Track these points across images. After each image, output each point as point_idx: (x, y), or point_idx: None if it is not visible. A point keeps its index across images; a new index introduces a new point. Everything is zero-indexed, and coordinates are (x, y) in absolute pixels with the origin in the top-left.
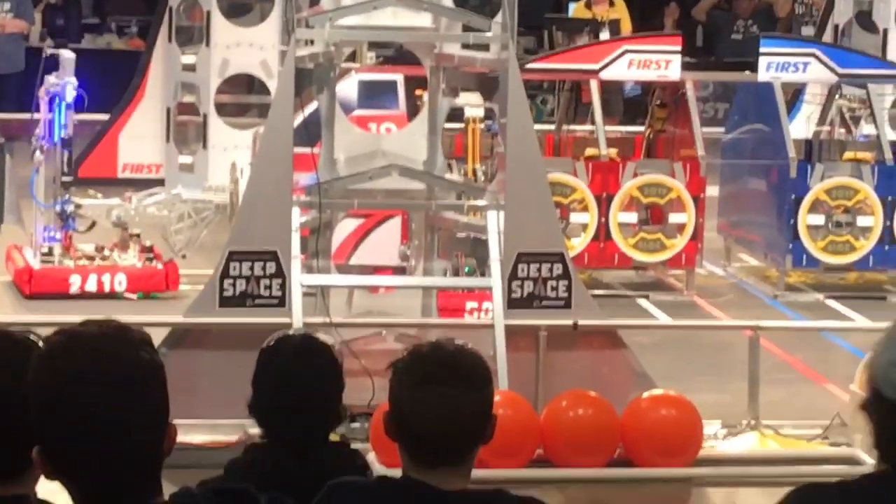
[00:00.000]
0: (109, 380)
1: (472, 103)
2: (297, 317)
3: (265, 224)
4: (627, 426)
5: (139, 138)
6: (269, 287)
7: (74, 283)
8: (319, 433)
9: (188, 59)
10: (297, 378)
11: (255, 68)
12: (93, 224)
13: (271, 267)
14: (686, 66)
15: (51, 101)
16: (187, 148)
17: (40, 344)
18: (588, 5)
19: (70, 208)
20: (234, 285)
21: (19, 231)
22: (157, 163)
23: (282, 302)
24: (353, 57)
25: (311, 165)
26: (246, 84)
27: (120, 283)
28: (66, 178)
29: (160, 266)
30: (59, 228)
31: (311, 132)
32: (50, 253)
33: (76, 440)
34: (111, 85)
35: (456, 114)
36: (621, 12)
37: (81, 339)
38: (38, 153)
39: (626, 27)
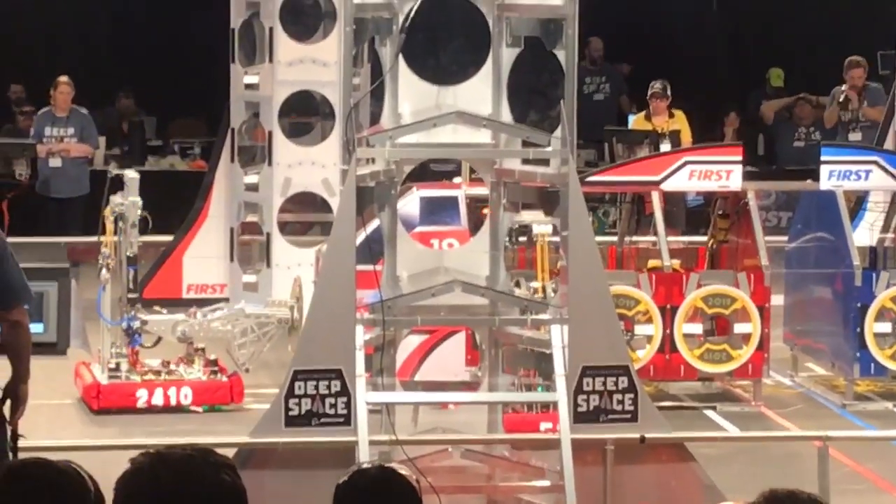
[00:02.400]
0: (192, 502)
1: (540, 220)
2: (363, 435)
3: (329, 342)
4: None
5: (203, 258)
6: (335, 405)
7: (141, 397)
8: None
9: (251, 178)
10: None
11: (317, 186)
12: (158, 340)
13: (336, 385)
14: (747, 176)
15: (116, 222)
16: (251, 267)
17: (81, 473)
18: (648, 117)
19: (136, 324)
20: (299, 404)
21: (87, 353)
22: (221, 283)
23: (347, 420)
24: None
25: (374, 283)
26: (308, 202)
27: (186, 396)
28: (131, 296)
29: (225, 379)
30: (125, 344)
31: (373, 249)
32: (117, 368)
33: None
34: (175, 206)
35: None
36: (681, 123)
37: (167, 461)
38: (104, 272)
39: (687, 138)
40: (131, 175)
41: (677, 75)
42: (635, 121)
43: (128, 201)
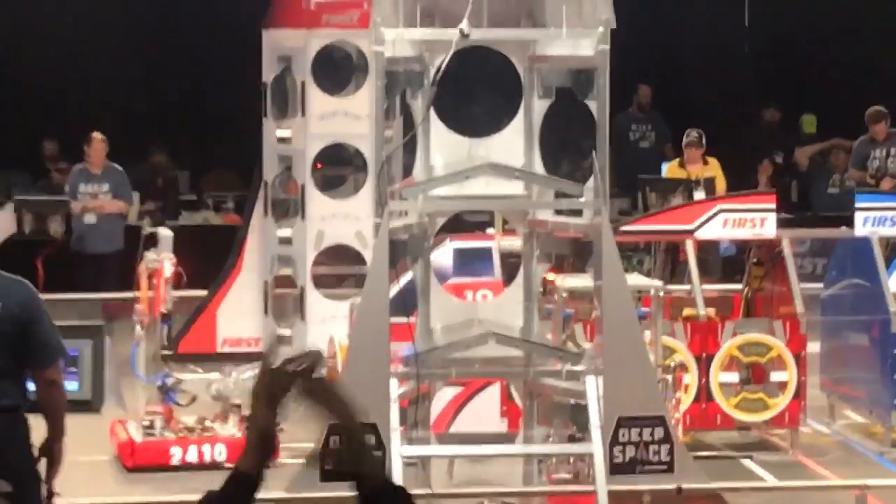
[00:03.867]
0: None
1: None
2: None
3: (364, 396)
4: None
5: (237, 313)
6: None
7: (175, 454)
8: None
9: (284, 232)
10: None
11: (351, 239)
12: (193, 399)
13: (371, 439)
14: (782, 223)
15: (150, 278)
16: (285, 320)
17: None
18: (682, 164)
19: (171, 382)
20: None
21: (122, 410)
22: (255, 336)
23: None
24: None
25: (408, 335)
26: (342, 255)
27: (220, 453)
28: (166, 353)
29: None
30: (160, 402)
31: (407, 302)
32: (151, 426)
33: None
34: (209, 260)
35: None
36: (715, 171)
37: None
38: (138, 328)
39: (721, 186)
40: (165, 232)
41: (709, 122)
42: (669, 168)
43: (161, 258)
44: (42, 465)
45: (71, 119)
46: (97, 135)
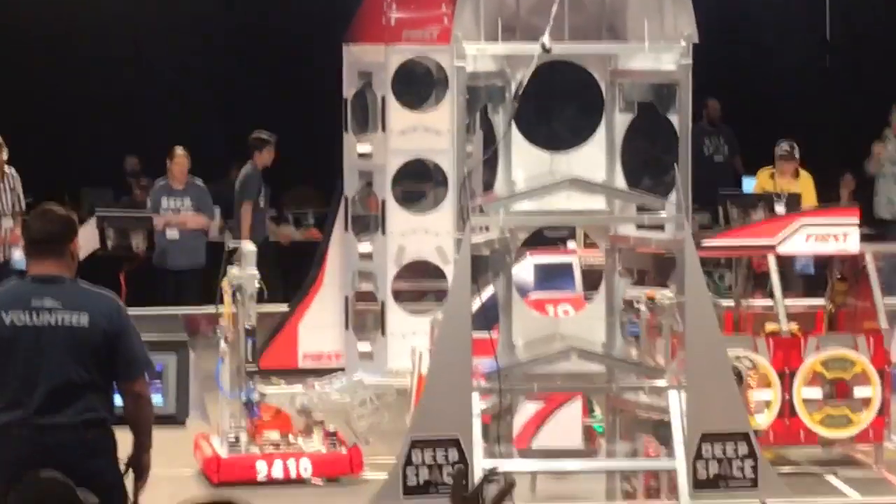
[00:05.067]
0: None
1: None
2: None
3: (446, 411)
4: None
5: (319, 328)
6: (451, 475)
7: (261, 470)
8: None
9: (364, 247)
10: None
11: (431, 254)
12: (277, 413)
13: (454, 454)
14: (865, 238)
15: (234, 294)
16: (366, 335)
17: None
18: (772, 176)
19: (255, 397)
20: (417, 474)
21: (205, 424)
22: (336, 351)
23: (466, 489)
24: None
25: (489, 350)
26: (422, 270)
27: (305, 469)
28: (250, 368)
29: (344, 451)
30: (244, 417)
31: (488, 317)
32: (237, 441)
33: None
34: (290, 276)
35: None
36: (805, 186)
37: None
38: (222, 344)
39: (809, 200)
40: (248, 247)
41: (789, 135)
42: (759, 176)
43: (245, 273)
44: (129, 479)
45: (152, 135)
46: (179, 149)
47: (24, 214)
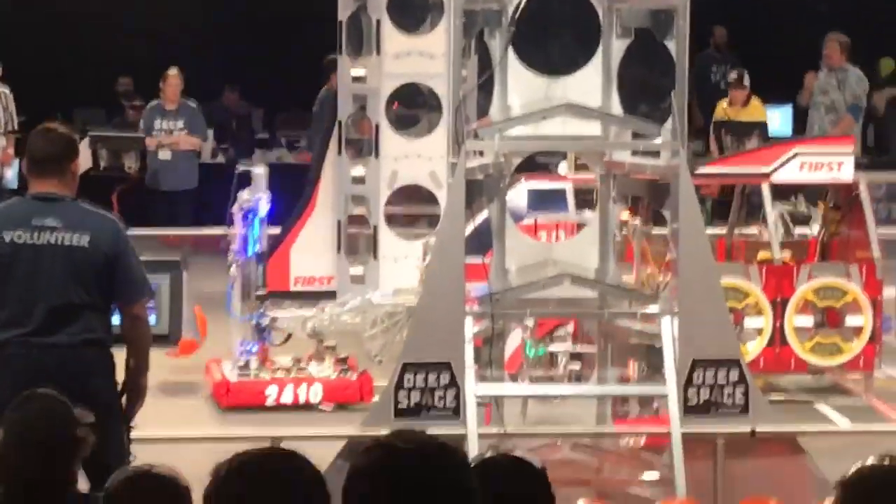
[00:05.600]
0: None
1: None
2: (472, 427)
3: (438, 335)
4: None
5: (311, 251)
6: (444, 398)
7: (271, 395)
8: None
9: (357, 171)
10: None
11: (424, 179)
12: (288, 336)
13: (445, 378)
14: (859, 167)
15: (245, 217)
16: (358, 259)
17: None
18: (728, 105)
19: (266, 321)
20: (408, 397)
21: (220, 346)
22: (328, 275)
23: (456, 412)
24: None
25: (482, 275)
26: (415, 195)
27: (315, 394)
28: (260, 292)
29: (354, 377)
30: (255, 341)
31: (482, 242)
32: (247, 366)
33: None
34: (282, 199)
35: None
36: (754, 114)
37: (400, 457)
38: (233, 268)
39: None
40: (259, 171)
41: (787, 65)
42: (717, 106)
43: (256, 197)
44: (123, 400)
45: (145, 56)
46: (172, 71)
47: (17, 133)
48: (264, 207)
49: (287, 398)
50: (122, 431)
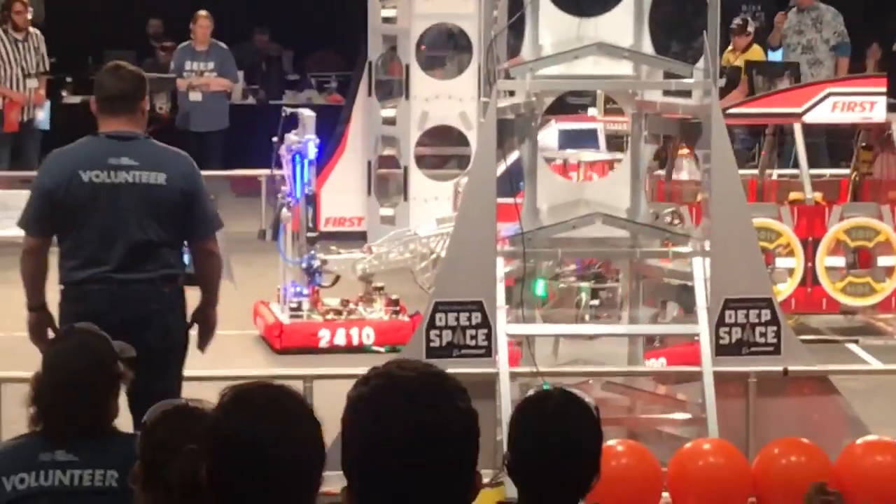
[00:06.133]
0: (425, 427)
1: None
2: (504, 366)
3: (470, 275)
4: (842, 473)
5: (341, 192)
6: (475, 337)
7: (324, 337)
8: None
9: (388, 112)
10: (559, 433)
11: (454, 120)
12: (337, 278)
13: (477, 317)
14: (891, 107)
15: (294, 159)
16: (388, 200)
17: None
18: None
19: (316, 264)
20: (440, 336)
21: (265, 286)
22: (358, 216)
23: (488, 352)
24: None
25: (513, 215)
26: (445, 136)
27: (368, 336)
28: (311, 234)
29: (406, 319)
30: (306, 284)
31: (513, 182)
32: (299, 308)
33: (389, 481)
34: None
35: None
36: (752, 59)
37: (400, 384)
38: (284, 210)
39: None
40: (308, 113)
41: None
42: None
43: (305, 139)
44: (193, 332)
45: None
46: (202, 13)
47: (48, 75)
48: (313, 150)
49: (340, 340)
50: (182, 368)
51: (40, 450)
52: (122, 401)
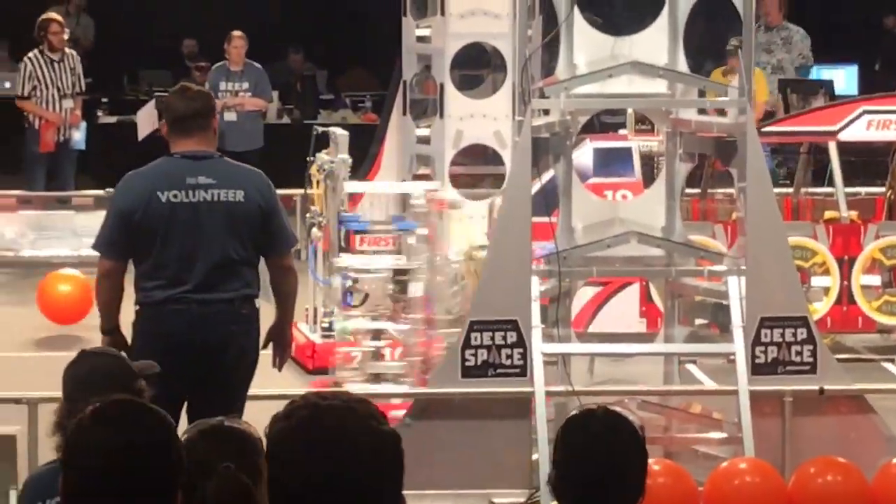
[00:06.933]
0: (350, 451)
1: None
2: (539, 386)
3: (505, 293)
4: (878, 492)
5: (376, 210)
6: (511, 356)
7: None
8: None
9: (422, 131)
10: (605, 453)
11: (489, 139)
12: (366, 297)
13: (512, 336)
14: None
15: (326, 179)
16: (423, 218)
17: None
18: (724, 73)
19: (348, 283)
20: (475, 355)
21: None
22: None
23: (523, 371)
24: None
25: (548, 234)
26: (480, 155)
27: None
28: (343, 254)
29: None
30: (337, 303)
31: (548, 201)
32: (330, 328)
33: None
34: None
35: None
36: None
37: (324, 411)
38: (314, 230)
39: (760, 96)
40: (341, 132)
41: (845, 29)
42: (714, 73)
43: (338, 158)
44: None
45: (210, 18)
46: (237, 33)
47: (84, 96)
48: (346, 169)
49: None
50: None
51: None
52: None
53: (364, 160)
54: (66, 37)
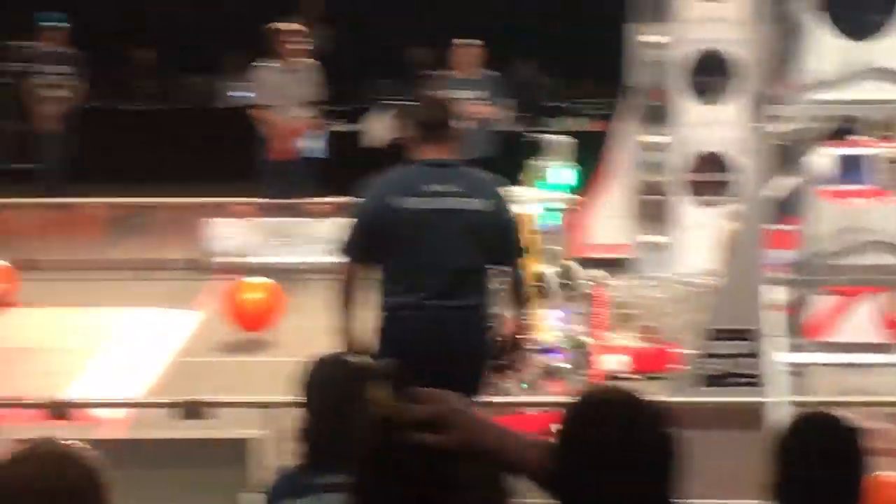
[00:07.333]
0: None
1: None
2: (779, 396)
3: (744, 303)
4: None
5: (607, 219)
6: (748, 365)
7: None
8: None
9: (653, 138)
10: (823, 457)
11: (721, 146)
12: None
13: (750, 345)
14: None
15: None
16: (655, 227)
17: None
18: None
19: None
20: (713, 364)
21: None
22: (624, 243)
23: (761, 381)
24: None
25: (787, 242)
26: (713, 162)
27: (619, 363)
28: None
29: (659, 347)
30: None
31: (787, 209)
32: None
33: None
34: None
35: None
36: None
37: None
38: None
39: None
40: (552, 138)
41: None
42: None
43: (551, 164)
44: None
45: (441, 26)
46: (468, 41)
47: (321, 104)
48: (556, 174)
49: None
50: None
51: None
52: None
53: (594, 168)
54: (301, 46)
